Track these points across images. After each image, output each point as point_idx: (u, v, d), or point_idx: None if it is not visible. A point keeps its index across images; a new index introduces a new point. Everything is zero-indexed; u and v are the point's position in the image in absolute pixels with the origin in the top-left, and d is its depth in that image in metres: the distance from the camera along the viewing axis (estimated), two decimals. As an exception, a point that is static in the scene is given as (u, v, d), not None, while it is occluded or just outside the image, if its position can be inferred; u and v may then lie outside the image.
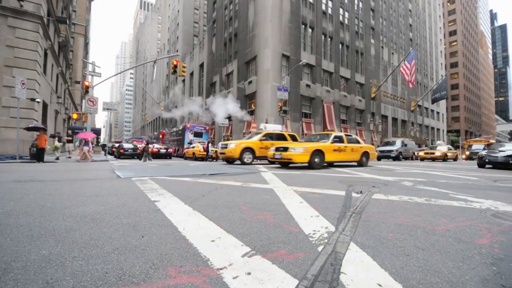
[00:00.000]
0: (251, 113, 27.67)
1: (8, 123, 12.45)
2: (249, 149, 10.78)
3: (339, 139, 9.71)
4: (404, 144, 20.32)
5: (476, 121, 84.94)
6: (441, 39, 61.06)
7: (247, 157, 10.70)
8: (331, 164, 10.65)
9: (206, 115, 28.61)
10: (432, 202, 2.96)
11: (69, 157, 13.81)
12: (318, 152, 8.53)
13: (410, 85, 32.06)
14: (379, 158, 19.26)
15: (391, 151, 19.14)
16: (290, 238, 1.69)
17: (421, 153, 20.41)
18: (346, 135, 10.31)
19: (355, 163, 10.66)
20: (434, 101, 42.06)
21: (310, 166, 8.30)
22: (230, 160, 11.65)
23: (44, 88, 15.50)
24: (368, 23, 37.67)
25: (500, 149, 10.98)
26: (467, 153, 25.28)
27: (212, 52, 37.56)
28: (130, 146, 19.29)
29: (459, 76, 77.09)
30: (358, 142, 10.83)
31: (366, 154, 10.60)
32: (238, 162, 11.52)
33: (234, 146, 10.64)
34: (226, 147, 11.00)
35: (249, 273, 1.18)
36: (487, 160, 10.25)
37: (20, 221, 1.94)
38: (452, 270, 1.26)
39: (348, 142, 10.01)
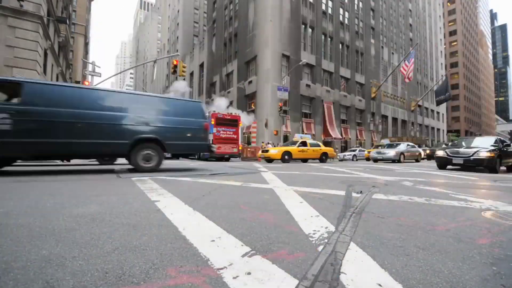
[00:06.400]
0: (251, 113, 27.64)
1: (8, 123, 12.43)
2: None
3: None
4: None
5: (476, 121, 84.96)
6: (441, 39, 61.05)
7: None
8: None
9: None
10: (432, 202, 2.96)
11: None
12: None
13: (406, 80, 32.05)
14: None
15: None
16: (290, 238, 1.69)
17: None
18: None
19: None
20: (439, 103, 41.91)
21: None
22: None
23: (44, 88, 15.47)
24: (368, 23, 37.66)
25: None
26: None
27: (212, 52, 37.55)
28: None
29: (459, 76, 77.11)
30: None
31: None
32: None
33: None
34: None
35: (249, 273, 1.18)
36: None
37: (20, 221, 1.94)
38: (452, 270, 1.26)
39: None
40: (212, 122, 15.38)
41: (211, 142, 15.98)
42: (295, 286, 1.07)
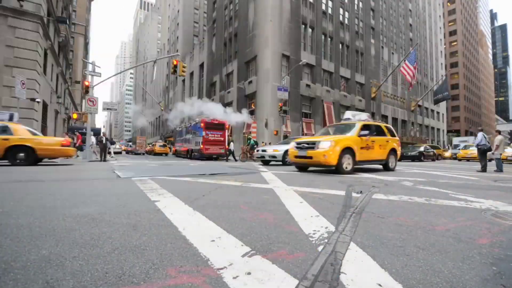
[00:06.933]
0: (251, 113, 27.64)
1: (8, 123, 12.42)
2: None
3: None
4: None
5: (476, 121, 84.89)
6: (441, 39, 61.00)
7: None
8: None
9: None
10: (432, 202, 2.96)
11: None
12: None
13: (410, 88, 32.21)
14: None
15: None
16: (290, 238, 1.69)
17: None
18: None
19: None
20: (436, 102, 41.89)
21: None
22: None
23: (44, 88, 15.49)
24: (368, 23, 37.64)
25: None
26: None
27: (212, 52, 37.53)
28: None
29: (459, 76, 77.07)
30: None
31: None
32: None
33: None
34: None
35: (249, 273, 1.17)
36: None
37: (20, 221, 1.94)
38: (452, 270, 1.26)
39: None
40: (202, 126, 17.08)
41: (201, 145, 16.95)
42: (295, 286, 1.07)
